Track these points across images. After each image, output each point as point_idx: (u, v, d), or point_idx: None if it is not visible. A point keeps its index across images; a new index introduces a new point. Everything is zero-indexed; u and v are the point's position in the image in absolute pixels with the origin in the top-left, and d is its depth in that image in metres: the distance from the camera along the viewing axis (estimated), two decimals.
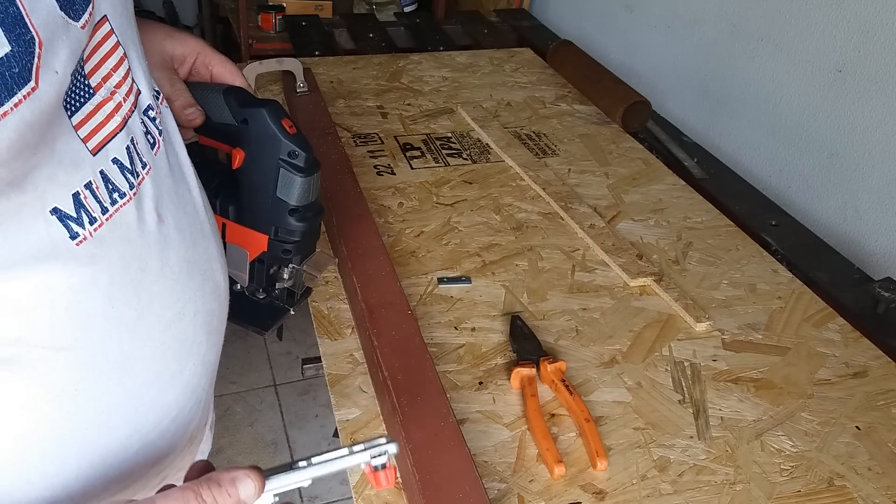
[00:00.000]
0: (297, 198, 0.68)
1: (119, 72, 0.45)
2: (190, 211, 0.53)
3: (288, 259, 0.71)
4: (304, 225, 0.69)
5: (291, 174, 0.66)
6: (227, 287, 0.59)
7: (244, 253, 0.72)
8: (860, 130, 1.08)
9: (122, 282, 0.45)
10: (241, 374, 1.98)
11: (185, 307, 0.51)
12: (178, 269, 0.50)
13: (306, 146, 0.66)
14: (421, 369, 0.73)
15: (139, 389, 0.48)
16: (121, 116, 0.45)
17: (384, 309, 0.80)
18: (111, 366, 0.46)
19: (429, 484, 0.62)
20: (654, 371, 0.81)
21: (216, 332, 0.56)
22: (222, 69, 0.68)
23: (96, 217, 0.43)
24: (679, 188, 1.15)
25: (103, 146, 0.44)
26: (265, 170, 0.67)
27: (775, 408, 0.77)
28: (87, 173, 0.43)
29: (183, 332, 0.51)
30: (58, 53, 0.37)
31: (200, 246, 0.54)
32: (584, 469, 0.69)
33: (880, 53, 1.03)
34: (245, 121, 0.66)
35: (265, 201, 0.68)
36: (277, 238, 0.70)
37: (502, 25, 1.78)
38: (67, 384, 0.44)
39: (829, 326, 0.89)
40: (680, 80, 1.44)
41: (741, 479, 0.69)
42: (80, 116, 0.42)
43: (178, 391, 0.52)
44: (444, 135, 1.25)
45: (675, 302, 0.90)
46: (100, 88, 0.43)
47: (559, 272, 0.95)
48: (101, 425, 0.46)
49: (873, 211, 1.06)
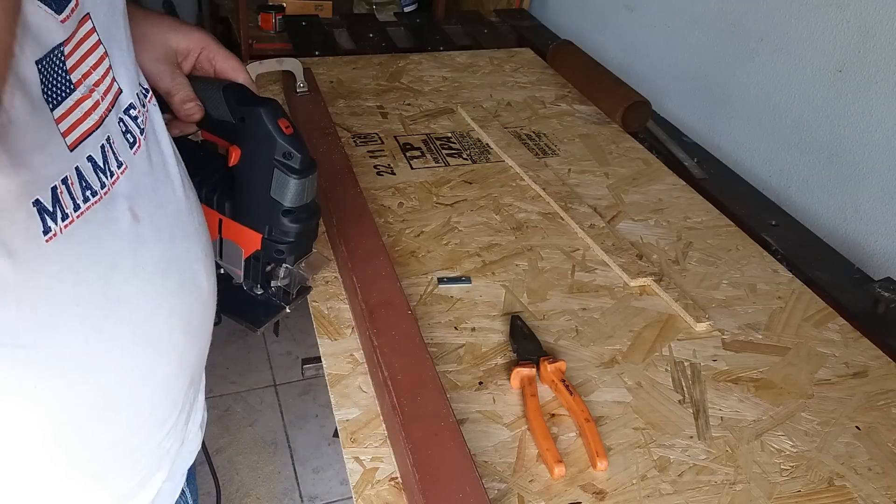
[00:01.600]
0: (290, 199, 0.67)
1: (99, 70, 0.45)
2: (171, 210, 0.53)
3: (281, 259, 0.71)
4: (298, 226, 0.69)
5: (285, 175, 0.65)
6: (212, 287, 0.58)
7: (239, 249, 0.72)
8: (860, 130, 1.08)
9: (89, 280, 0.45)
10: (241, 374, 1.98)
11: (160, 307, 0.51)
12: (154, 268, 0.50)
13: (302, 147, 0.65)
14: (421, 369, 0.73)
15: (107, 387, 0.48)
16: (98, 115, 0.45)
17: (384, 309, 0.80)
18: (75, 364, 0.45)
19: (429, 484, 0.62)
20: (654, 371, 0.81)
21: (196, 332, 0.56)
22: (226, 65, 0.68)
23: (68, 213, 0.43)
24: (679, 188, 1.15)
25: (80, 142, 0.43)
26: (260, 169, 0.66)
27: (775, 408, 0.78)
28: (64, 168, 0.42)
29: (156, 332, 0.51)
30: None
31: (181, 245, 0.53)
32: (584, 469, 0.69)
33: (880, 54, 1.03)
34: (242, 119, 0.65)
35: (259, 200, 0.68)
36: (271, 237, 0.69)
37: (502, 25, 1.78)
38: (24, 381, 0.43)
39: (829, 326, 0.89)
40: (680, 80, 1.44)
41: (741, 479, 0.69)
42: (61, 110, 0.42)
43: (151, 391, 0.51)
44: (444, 135, 1.25)
45: (675, 302, 0.90)
46: (80, 85, 0.43)
47: (559, 272, 0.95)
48: (65, 422, 0.46)
49: (873, 211, 1.06)
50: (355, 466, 0.68)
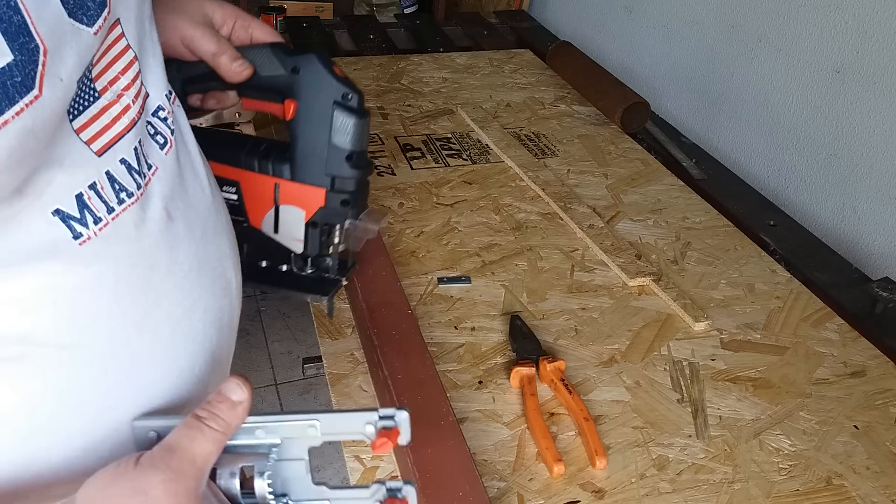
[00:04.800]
0: (352, 142, 0.67)
1: (128, 75, 0.45)
2: (201, 209, 0.54)
3: (345, 213, 0.71)
4: (359, 172, 0.69)
5: (346, 116, 0.66)
6: (239, 284, 0.59)
7: (299, 213, 0.71)
8: (858, 131, 1.08)
9: (129, 280, 0.46)
10: (243, 373, 1.98)
11: (195, 304, 0.52)
12: (188, 266, 0.51)
13: (357, 88, 0.66)
14: (421, 369, 0.74)
15: (149, 386, 0.49)
16: (129, 118, 0.45)
17: (384, 309, 0.80)
18: (118, 363, 0.46)
19: (429, 483, 0.62)
20: (652, 370, 0.81)
21: (227, 328, 0.57)
22: (262, 31, 0.68)
23: (101, 217, 0.43)
24: (678, 188, 1.16)
25: (110, 147, 0.44)
26: (319, 116, 0.67)
27: (773, 407, 0.78)
28: (91, 174, 0.43)
29: (193, 328, 0.52)
30: (65, 61, 0.38)
31: (212, 244, 0.54)
32: (584, 468, 0.70)
33: (878, 54, 1.03)
34: (296, 69, 0.66)
35: (320, 150, 0.68)
36: (334, 189, 0.69)
37: (502, 27, 1.78)
38: (73, 381, 0.44)
39: (827, 326, 0.90)
40: (678, 80, 1.45)
41: (739, 478, 0.70)
42: (82, 120, 0.42)
43: (190, 387, 0.52)
44: (444, 135, 1.25)
45: (674, 301, 0.90)
46: (105, 91, 0.44)
47: (558, 272, 0.95)
48: (109, 421, 0.47)
49: (871, 211, 1.07)
50: (355, 465, 0.68)
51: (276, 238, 0.73)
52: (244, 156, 0.70)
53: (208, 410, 0.43)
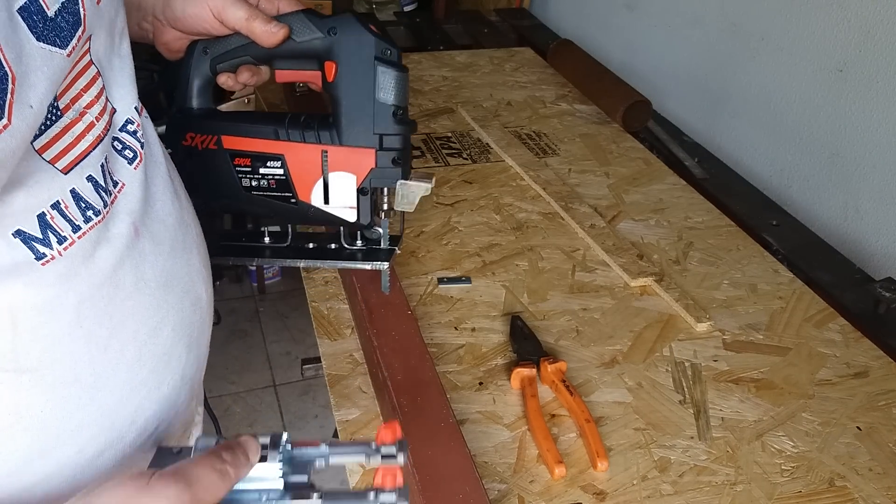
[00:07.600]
0: (397, 96, 0.68)
1: (91, 91, 0.44)
2: (170, 223, 0.52)
3: (396, 173, 0.71)
4: (405, 128, 0.69)
5: (389, 70, 0.67)
6: (210, 298, 0.58)
7: (350, 178, 0.71)
8: (861, 130, 1.07)
9: (93, 300, 0.45)
10: (241, 375, 1.97)
11: (163, 321, 0.51)
12: (155, 283, 0.50)
13: (395, 43, 0.67)
14: (421, 369, 0.73)
15: (114, 406, 0.48)
16: (93, 136, 0.44)
17: (384, 309, 0.80)
18: (82, 385, 0.45)
19: (429, 484, 0.62)
20: (654, 371, 0.81)
21: (196, 345, 0.56)
22: (288, 3, 0.68)
23: (66, 236, 0.42)
24: (680, 188, 1.15)
25: (75, 165, 0.43)
26: (362, 74, 0.67)
27: (776, 408, 0.77)
28: (55, 193, 0.42)
29: (160, 347, 0.51)
30: (35, 86, 0.36)
31: (181, 258, 0.53)
32: (585, 470, 0.69)
33: (881, 53, 1.03)
34: (332, 30, 0.66)
35: (366, 110, 0.68)
36: (383, 148, 0.69)
37: (502, 25, 1.78)
38: (32, 405, 0.43)
39: (829, 326, 0.89)
40: (680, 79, 1.44)
41: (742, 480, 0.69)
42: (43, 140, 0.41)
43: (157, 406, 0.51)
44: (444, 134, 1.25)
45: (676, 302, 0.89)
46: (68, 110, 0.42)
47: (559, 272, 0.94)
48: (71, 444, 0.46)
49: (874, 211, 1.06)
50: (355, 467, 0.68)
51: (326, 210, 0.72)
52: (287, 128, 0.70)
53: (233, 456, 0.43)
